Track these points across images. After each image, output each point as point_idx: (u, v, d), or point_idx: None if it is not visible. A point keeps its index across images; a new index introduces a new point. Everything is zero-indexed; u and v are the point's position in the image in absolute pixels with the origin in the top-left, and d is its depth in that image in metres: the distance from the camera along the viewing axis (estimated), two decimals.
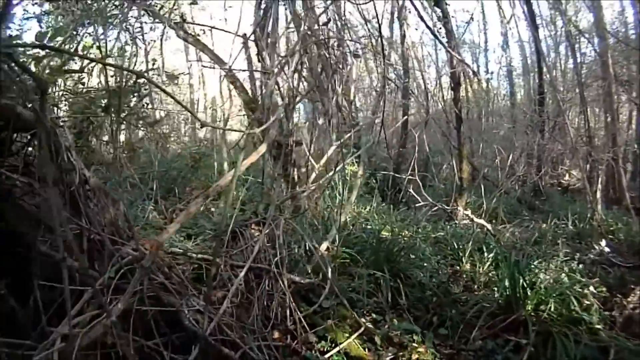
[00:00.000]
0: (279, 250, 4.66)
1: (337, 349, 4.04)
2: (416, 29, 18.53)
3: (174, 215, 7.22)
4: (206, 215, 7.01)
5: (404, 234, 7.11)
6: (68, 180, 2.98)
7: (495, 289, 5.67)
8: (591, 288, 5.64)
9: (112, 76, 5.51)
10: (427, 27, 10.37)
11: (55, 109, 3.15)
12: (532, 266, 5.79)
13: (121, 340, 2.71)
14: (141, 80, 5.77)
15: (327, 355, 3.95)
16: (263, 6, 6.28)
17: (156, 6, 9.56)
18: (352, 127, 8.73)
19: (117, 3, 7.32)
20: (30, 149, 3.17)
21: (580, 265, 6.37)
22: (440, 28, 11.91)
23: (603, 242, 8.56)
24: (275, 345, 3.78)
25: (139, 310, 2.96)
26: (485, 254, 6.86)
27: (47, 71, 3.28)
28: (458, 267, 6.78)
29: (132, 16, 9.09)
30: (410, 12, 14.93)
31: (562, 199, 15.65)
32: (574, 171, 18.92)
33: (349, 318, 4.55)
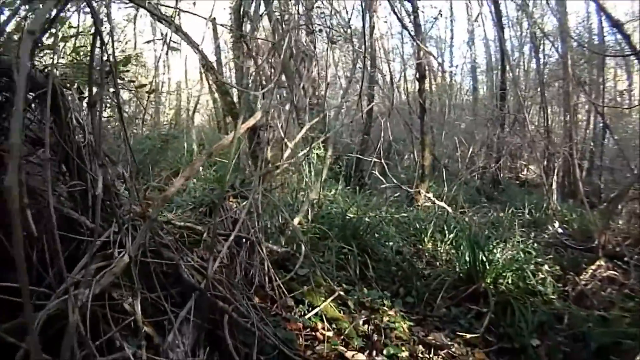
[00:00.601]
0: (258, 220, 4.91)
1: (314, 311, 4.28)
2: (385, 22, 18.91)
3: (146, 193, 7.36)
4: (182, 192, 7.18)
5: (368, 215, 7.36)
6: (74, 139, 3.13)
7: (457, 264, 6.00)
8: (545, 266, 6.07)
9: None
10: (398, 19, 10.68)
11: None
12: (490, 245, 6.13)
13: (127, 291, 2.90)
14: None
15: (306, 317, 4.19)
16: None
17: None
18: (319, 112, 9.00)
19: None
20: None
21: (535, 245, 6.81)
22: (410, 22, 12.24)
23: (556, 224, 9.04)
24: (259, 306, 4.01)
25: (141, 263, 3.14)
26: (447, 234, 7.22)
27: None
28: (420, 246, 7.06)
29: None
30: (380, 4, 15.24)
31: (519, 191, 16.11)
32: (532, 166, 19.47)
33: (323, 285, 4.79)
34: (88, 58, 3.52)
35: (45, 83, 2.77)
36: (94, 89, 2.78)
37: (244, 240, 4.59)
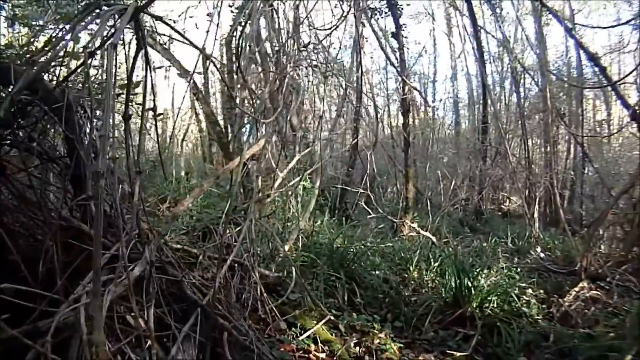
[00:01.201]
0: (251, 246, 5.04)
1: (307, 333, 4.39)
2: (371, 57, 19.25)
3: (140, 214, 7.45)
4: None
5: (355, 245, 7.47)
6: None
7: (442, 290, 6.13)
8: (530, 290, 6.25)
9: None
10: (386, 55, 10.96)
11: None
12: (475, 271, 6.27)
13: (136, 305, 3.00)
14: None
15: (299, 339, 4.29)
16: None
17: None
18: (307, 145, 9.17)
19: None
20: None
21: (519, 270, 7.00)
22: (395, 58, 12.55)
23: (539, 249, 9.24)
24: (254, 327, 4.12)
25: (150, 279, 3.25)
26: (432, 263, 7.36)
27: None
28: (406, 275, 7.17)
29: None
30: (367, 40, 15.56)
31: (502, 221, 16.27)
32: (514, 197, 19.72)
33: (314, 310, 4.91)
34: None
35: (60, 98, 2.92)
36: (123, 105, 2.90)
37: (237, 265, 4.71)
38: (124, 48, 2.96)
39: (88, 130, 3.36)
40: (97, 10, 2.87)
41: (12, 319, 2.47)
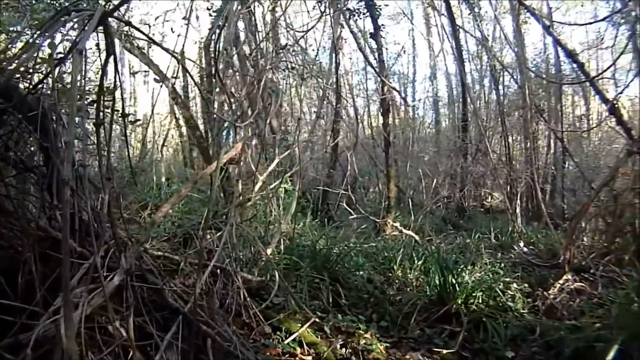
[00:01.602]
0: (232, 251, 5.01)
1: (292, 337, 4.34)
2: (350, 59, 19.28)
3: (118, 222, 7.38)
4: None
5: (338, 246, 7.45)
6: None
7: (427, 288, 6.12)
8: (514, 284, 6.26)
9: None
10: (364, 56, 10.96)
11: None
12: (459, 268, 6.27)
13: (116, 314, 2.95)
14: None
15: (285, 342, 4.25)
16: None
17: None
18: (287, 147, 9.15)
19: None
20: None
21: (503, 265, 7.02)
22: (374, 58, 12.57)
23: (521, 244, 9.30)
24: (238, 332, 4.09)
25: (128, 288, 3.20)
26: (415, 261, 7.35)
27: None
28: (390, 274, 7.14)
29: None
30: (346, 41, 15.59)
31: (484, 218, 16.38)
32: (496, 193, 19.83)
33: (298, 313, 4.87)
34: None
35: (35, 106, 2.86)
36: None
37: (219, 270, 4.67)
38: (98, 54, 2.93)
39: (64, 139, 3.30)
40: (67, 17, 2.81)
41: None
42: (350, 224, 11.63)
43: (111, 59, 2.96)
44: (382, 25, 13.02)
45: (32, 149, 3.45)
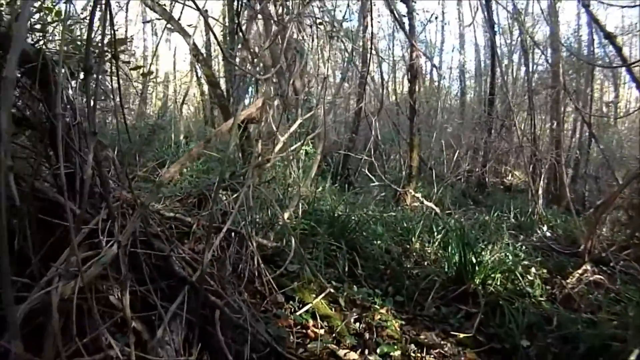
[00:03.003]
0: (248, 214, 4.85)
1: (305, 308, 4.23)
2: (379, 22, 18.89)
3: (132, 182, 7.28)
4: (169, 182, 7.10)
5: (356, 213, 7.30)
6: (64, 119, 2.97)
7: (445, 264, 5.98)
8: (533, 269, 6.08)
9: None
10: (395, 18, 10.65)
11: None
12: (479, 246, 6.11)
13: (116, 282, 2.78)
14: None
15: (297, 313, 4.12)
16: None
17: None
18: (310, 109, 8.94)
19: None
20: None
21: (524, 247, 6.83)
22: (404, 22, 12.24)
23: (544, 228, 9.07)
24: (250, 301, 3.95)
25: (131, 254, 3.03)
26: (435, 234, 7.19)
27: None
28: (408, 246, 6.98)
29: None
30: (374, 4, 15.22)
31: (504, 196, 16.16)
32: (518, 172, 19.58)
33: (313, 282, 4.73)
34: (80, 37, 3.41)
35: (35, 57, 2.67)
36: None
37: (233, 233, 4.52)
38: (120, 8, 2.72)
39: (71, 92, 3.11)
40: None
41: None
42: (370, 191, 11.47)
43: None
44: None
45: (37, 105, 3.25)
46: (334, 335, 4.03)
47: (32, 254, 2.64)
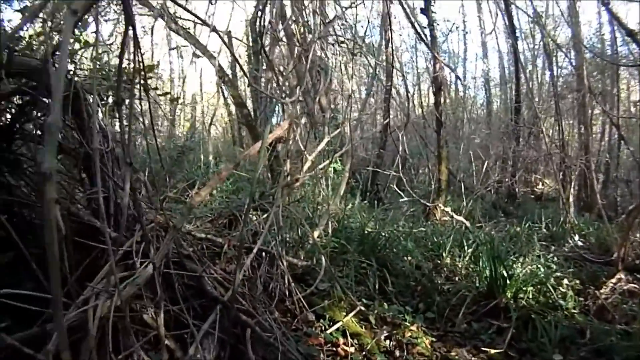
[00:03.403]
0: (278, 233, 4.90)
1: (336, 326, 4.25)
2: (400, 35, 18.92)
3: (163, 203, 7.38)
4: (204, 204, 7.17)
5: (386, 230, 7.30)
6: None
7: (476, 279, 5.95)
8: (565, 280, 6.01)
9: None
10: (416, 32, 10.69)
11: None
12: (510, 259, 6.07)
13: (151, 302, 2.86)
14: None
15: (327, 332, 4.14)
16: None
17: None
18: (337, 126, 8.99)
19: None
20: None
21: (555, 259, 6.75)
22: (425, 35, 12.24)
23: (576, 237, 8.96)
24: (280, 320, 3.99)
25: (165, 274, 3.11)
26: (465, 249, 7.14)
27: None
28: (439, 261, 6.95)
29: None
30: (395, 17, 15.26)
31: (535, 205, 15.99)
32: (547, 180, 19.36)
33: (343, 300, 4.74)
34: (109, 66, 3.52)
35: (67, 87, 2.75)
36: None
37: (263, 253, 4.57)
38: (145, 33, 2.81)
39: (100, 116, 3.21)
40: None
41: (21, 321, 2.37)
42: (400, 207, 11.45)
43: (130, 32, 2.79)
44: None
45: (70, 132, 3.36)
46: (364, 353, 4.05)
47: (69, 274, 2.69)
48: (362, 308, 4.69)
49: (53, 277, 1.45)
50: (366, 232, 6.68)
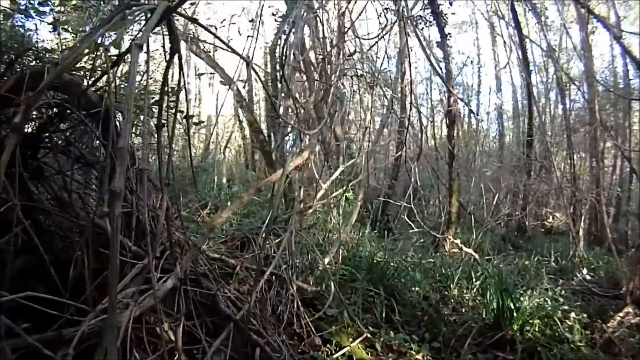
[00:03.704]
0: (290, 259, 4.99)
1: (342, 351, 4.31)
2: (416, 67, 19.07)
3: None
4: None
5: (395, 260, 7.35)
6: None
7: (483, 310, 5.97)
8: (572, 314, 6.02)
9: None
10: (432, 65, 10.80)
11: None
12: (518, 292, 6.11)
13: (166, 316, 2.96)
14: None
15: (334, 356, 4.21)
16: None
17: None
18: (351, 156, 9.10)
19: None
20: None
21: (563, 292, 6.77)
22: (441, 68, 12.37)
23: (584, 271, 8.95)
24: (288, 342, 4.06)
25: (180, 293, 3.21)
26: (473, 281, 7.19)
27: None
28: (446, 292, 7.00)
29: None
30: (412, 50, 15.41)
31: (545, 239, 15.93)
32: (558, 213, 19.31)
33: (350, 327, 4.82)
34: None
35: (99, 103, 2.88)
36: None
37: (274, 276, 4.66)
38: (164, 56, 2.94)
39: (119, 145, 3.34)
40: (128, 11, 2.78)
41: (38, 324, 2.46)
42: (409, 237, 11.48)
43: (175, 58, 2.94)
44: (449, 33, 12.84)
45: (96, 143, 3.50)
46: None
47: (88, 282, 2.80)
48: (369, 335, 4.76)
49: (111, 286, 1.58)
50: (375, 261, 6.73)
